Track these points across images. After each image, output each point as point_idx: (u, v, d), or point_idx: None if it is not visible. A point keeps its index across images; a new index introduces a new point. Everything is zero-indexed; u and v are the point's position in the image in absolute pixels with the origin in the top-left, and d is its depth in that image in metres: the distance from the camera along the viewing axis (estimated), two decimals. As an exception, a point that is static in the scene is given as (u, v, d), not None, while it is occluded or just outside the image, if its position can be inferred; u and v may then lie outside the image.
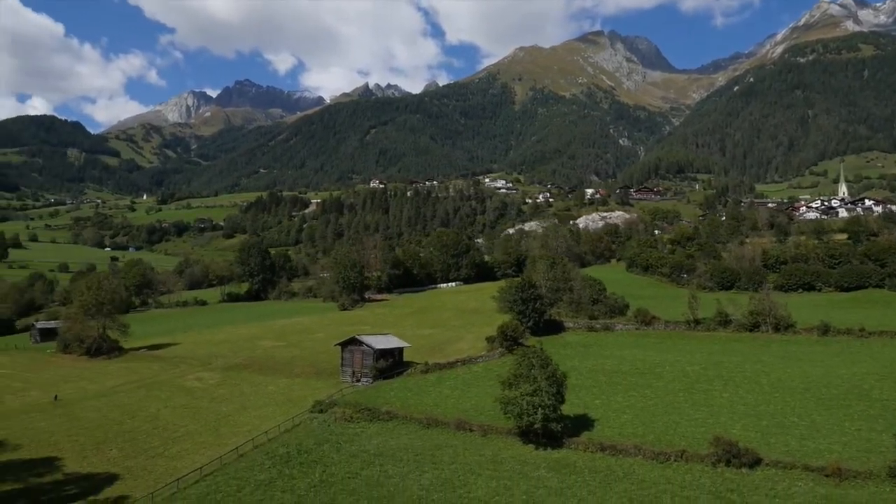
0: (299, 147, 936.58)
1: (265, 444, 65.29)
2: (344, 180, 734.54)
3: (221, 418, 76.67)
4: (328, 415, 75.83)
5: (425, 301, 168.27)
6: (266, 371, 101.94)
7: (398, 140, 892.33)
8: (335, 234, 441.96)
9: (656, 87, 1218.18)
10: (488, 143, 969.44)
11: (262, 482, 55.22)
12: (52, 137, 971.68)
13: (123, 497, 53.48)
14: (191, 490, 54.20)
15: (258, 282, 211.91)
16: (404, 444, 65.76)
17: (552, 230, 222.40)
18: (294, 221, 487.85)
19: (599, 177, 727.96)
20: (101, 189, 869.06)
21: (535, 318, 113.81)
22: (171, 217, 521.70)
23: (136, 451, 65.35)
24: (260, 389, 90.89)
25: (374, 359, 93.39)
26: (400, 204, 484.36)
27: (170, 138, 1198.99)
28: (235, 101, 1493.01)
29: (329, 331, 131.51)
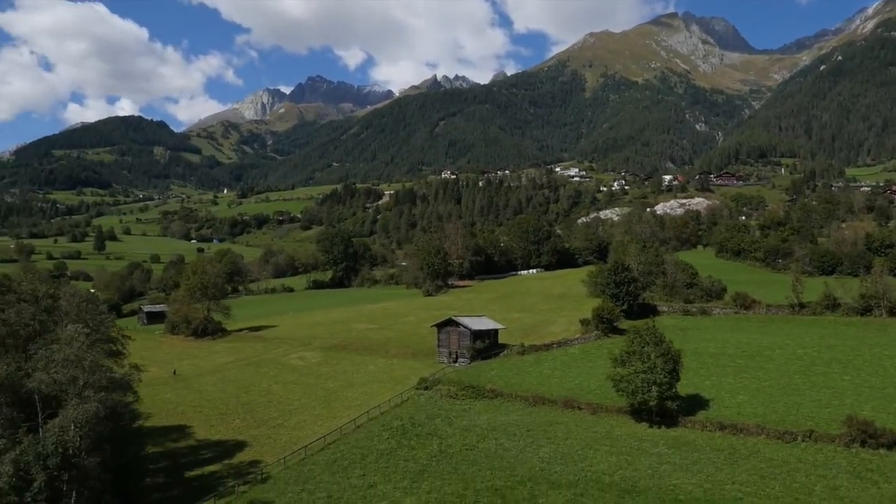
0: (370, 140, 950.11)
1: (378, 418, 67.00)
2: (414, 172, 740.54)
3: (330, 393, 79.16)
4: (433, 392, 77.06)
5: (509, 287, 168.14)
6: (363, 351, 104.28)
7: (467, 131, 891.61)
8: (408, 224, 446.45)
9: (734, 69, 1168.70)
10: (558, 132, 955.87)
11: (383, 451, 56.74)
12: (139, 137, 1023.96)
13: (256, 461, 56.15)
14: (318, 457, 56.28)
15: (342, 269, 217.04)
16: (513, 421, 66.07)
17: (635, 216, 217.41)
18: (368, 213, 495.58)
19: (675, 163, 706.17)
20: (184, 185, 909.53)
21: (629, 301, 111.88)
22: (251, 210, 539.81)
23: (257, 421, 68.41)
24: (360, 368, 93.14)
25: (471, 340, 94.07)
26: (472, 194, 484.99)
27: (247, 135, 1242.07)
28: (308, 97, 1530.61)
29: (418, 315, 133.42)
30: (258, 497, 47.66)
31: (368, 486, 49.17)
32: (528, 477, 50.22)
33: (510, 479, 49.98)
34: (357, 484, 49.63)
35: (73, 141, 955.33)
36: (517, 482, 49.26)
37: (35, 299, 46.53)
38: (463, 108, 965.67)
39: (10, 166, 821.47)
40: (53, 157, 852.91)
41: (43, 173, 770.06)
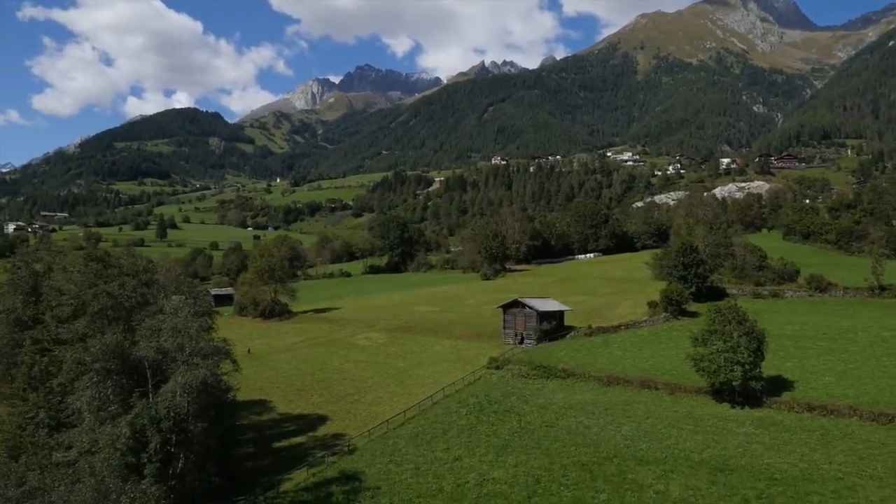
0: (419, 128, 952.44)
1: (454, 395, 67.38)
2: (463, 159, 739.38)
3: (401, 372, 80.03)
4: (504, 371, 77.10)
5: (567, 270, 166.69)
6: (427, 333, 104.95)
7: (516, 117, 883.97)
8: (459, 210, 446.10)
9: (795, 47, 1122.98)
10: (609, 116, 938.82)
11: (464, 426, 57.05)
12: (195, 128, 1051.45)
13: (339, 434, 57.27)
14: (399, 431, 57.01)
15: (398, 254, 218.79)
16: (589, 399, 65.49)
17: (696, 198, 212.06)
18: (419, 199, 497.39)
19: (732, 146, 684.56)
20: (238, 174, 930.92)
21: (698, 283, 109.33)
22: (303, 198, 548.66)
23: (334, 397, 69.73)
24: (427, 349, 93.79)
25: (538, 321, 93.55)
26: (523, 180, 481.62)
27: (298, 124, 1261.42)
28: (357, 86, 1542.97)
29: (478, 298, 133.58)
30: (348, 467, 48.57)
31: (454, 459, 49.52)
32: (614, 453, 49.70)
33: (595, 455, 49.56)
34: (442, 457, 50.05)
35: (134, 133, 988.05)
36: (603, 458, 48.83)
37: (136, 273, 48.40)
38: (511, 93, 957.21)
39: (76, 158, 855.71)
40: (115, 149, 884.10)
41: (106, 165, 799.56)
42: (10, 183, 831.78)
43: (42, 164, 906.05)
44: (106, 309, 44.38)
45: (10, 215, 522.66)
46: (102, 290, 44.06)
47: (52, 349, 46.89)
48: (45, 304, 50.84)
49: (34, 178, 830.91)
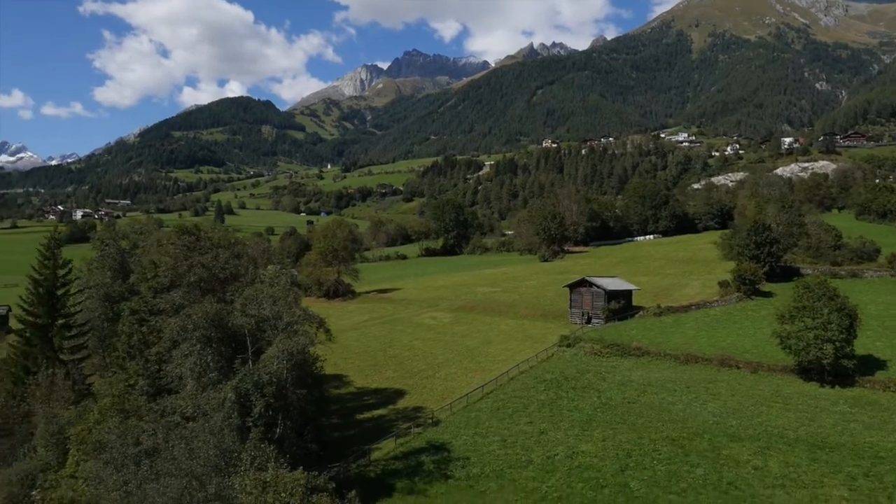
0: (467, 112, 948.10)
1: (528, 371, 67.04)
2: (512, 143, 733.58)
3: (471, 349, 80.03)
4: (576, 349, 76.23)
5: (628, 252, 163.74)
6: (491, 312, 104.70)
7: (565, 99, 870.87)
8: (510, 194, 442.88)
9: (861, 20, 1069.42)
10: (662, 97, 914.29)
11: (544, 401, 56.68)
12: (248, 116, 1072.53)
13: (419, 407, 57.70)
14: (479, 405, 57.06)
15: (453, 237, 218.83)
16: (668, 377, 64.16)
17: (761, 178, 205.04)
18: (469, 184, 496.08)
19: (792, 125, 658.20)
20: (290, 161, 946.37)
21: (771, 263, 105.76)
22: (354, 184, 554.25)
23: (407, 373, 70.28)
24: (493, 327, 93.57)
25: (605, 300, 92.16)
26: (574, 162, 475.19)
27: (347, 111, 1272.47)
28: (405, 72, 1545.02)
29: (538, 279, 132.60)
30: (434, 438, 48.86)
31: (539, 432, 49.24)
32: (703, 430, 48.53)
33: (684, 430, 48.50)
34: (527, 430, 49.83)
35: (189, 122, 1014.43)
36: (692, 434, 47.73)
37: (228, 245, 49.53)
38: (561, 75, 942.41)
39: (136, 148, 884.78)
40: (173, 138, 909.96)
41: (164, 153, 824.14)
42: (75, 172, 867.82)
43: (104, 154, 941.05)
44: (201, 280, 45.52)
45: (77, 203, 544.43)
46: (197, 261, 45.20)
47: (149, 319, 48.45)
48: (140, 277, 52.54)
49: (97, 167, 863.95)
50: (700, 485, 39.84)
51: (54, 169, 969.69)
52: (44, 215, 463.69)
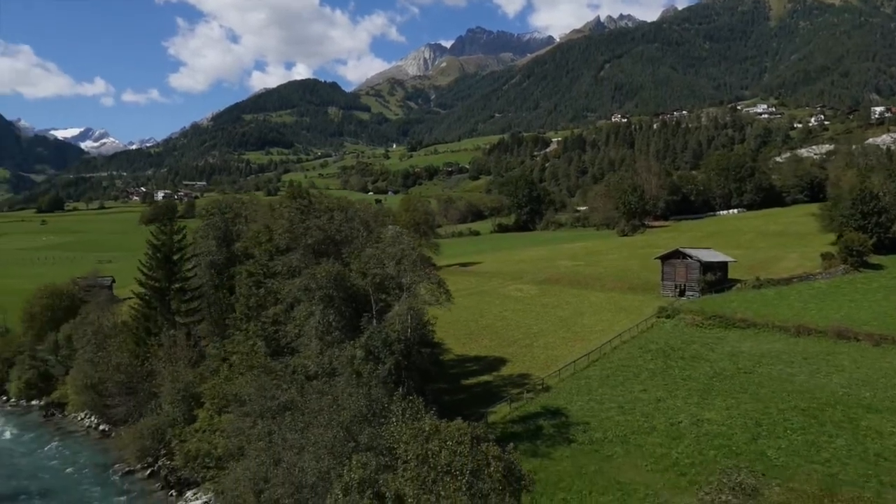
0: (532, 89, 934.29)
1: (630, 341, 65.35)
2: (578, 119, 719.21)
3: (564, 320, 78.72)
4: (676, 320, 73.77)
5: (712, 226, 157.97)
6: (577, 285, 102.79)
7: (634, 73, 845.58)
8: (578, 171, 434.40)
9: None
10: (737, 68, 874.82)
11: (654, 370, 55.04)
12: (314, 98, 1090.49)
13: (525, 374, 57.17)
14: (586, 372, 55.96)
15: (526, 213, 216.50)
16: (781, 349, 61.16)
17: (858, 148, 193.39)
18: (536, 161, 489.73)
19: (881, 94, 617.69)
20: (356, 142, 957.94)
21: (879, 234, 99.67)
22: (421, 163, 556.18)
23: (505, 341, 69.76)
24: (582, 299, 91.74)
25: (701, 272, 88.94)
26: (645, 137, 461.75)
27: (411, 91, 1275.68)
28: (468, 50, 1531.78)
29: (620, 253, 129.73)
30: (548, 404, 48.14)
31: (656, 400, 47.76)
32: (835, 401, 45.90)
33: (813, 401, 45.99)
34: (642, 397, 48.44)
35: (259, 105, 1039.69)
36: (823, 405, 45.20)
37: (342, 208, 49.90)
38: (629, 48, 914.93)
39: (210, 131, 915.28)
40: (243, 121, 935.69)
41: (236, 136, 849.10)
42: (154, 156, 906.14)
43: (180, 138, 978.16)
44: (316, 242, 45.93)
45: (157, 185, 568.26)
46: (313, 224, 45.57)
47: (265, 282, 49.40)
48: (254, 241, 53.63)
49: (174, 150, 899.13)
50: (844, 455, 37.64)
51: (135, 153, 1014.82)
52: (128, 196, 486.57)
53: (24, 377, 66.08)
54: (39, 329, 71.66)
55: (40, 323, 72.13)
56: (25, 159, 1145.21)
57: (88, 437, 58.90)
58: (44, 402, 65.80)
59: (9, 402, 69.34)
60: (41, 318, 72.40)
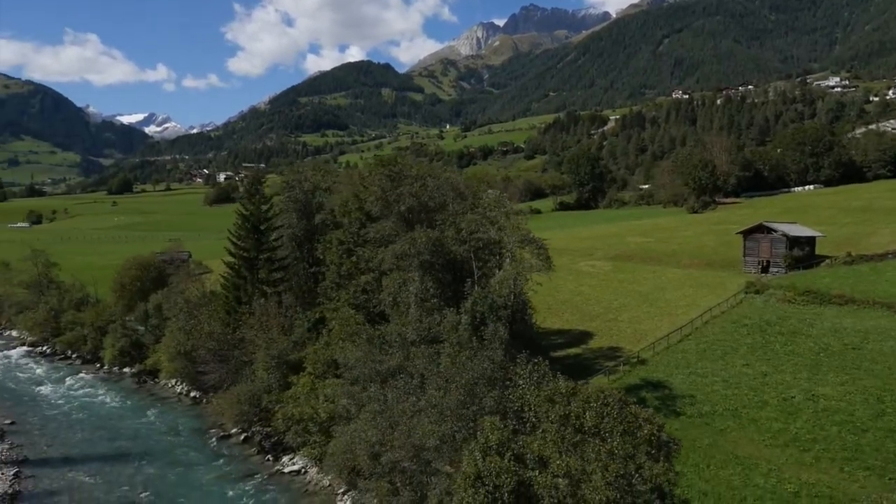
0: (587, 66, 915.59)
1: (720, 317, 62.83)
2: (636, 96, 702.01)
3: (645, 295, 76.55)
4: (766, 296, 70.55)
5: (789, 202, 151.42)
6: (651, 262, 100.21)
7: (695, 47, 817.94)
8: (637, 149, 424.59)
9: None
10: (805, 40, 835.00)
11: (753, 345, 52.69)
12: (368, 80, 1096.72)
13: (616, 348, 55.71)
14: (680, 346, 54.09)
15: (588, 191, 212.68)
16: (886, 326, 57.58)
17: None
18: (593, 139, 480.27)
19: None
20: (409, 123, 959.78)
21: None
22: (475, 143, 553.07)
23: (586, 316, 68.22)
24: (658, 276, 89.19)
25: (787, 247, 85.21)
26: (709, 114, 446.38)
27: (464, 71, 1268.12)
28: (521, 28, 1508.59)
29: (693, 229, 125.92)
30: (647, 377, 46.63)
31: (762, 374, 45.60)
32: (962, 378, 42.81)
33: (937, 378, 43.02)
34: (746, 372, 46.34)
35: (314, 88, 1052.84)
36: (952, 382, 42.21)
37: (433, 175, 49.20)
38: (690, 22, 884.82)
39: (267, 115, 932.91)
40: (299, 103, 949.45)
41: (292, 119, 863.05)
42: (214, 139, 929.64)
43: (239, 122, 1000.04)
44: (409, 210, 45.33)
45: (218, 167, 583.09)
46: (406, 191, 44.94)
47: (355, 250, 49.21)
48: (342, 210, 53.51)
49: (233, 134, 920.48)
50: (982, 433, 34.96)
51: (196, 137, 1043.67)
52: (192, 179, 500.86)
53: (118, 345, 68.31)
54: (129, 299, 73.97)
55: (130, 293, 74.42)
56: (94, 144, 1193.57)
57: (180, 404, 60.46)
58: (136, 370, 67.88)
59: (102, 368, 71.85)
60: (130, 288, 74.69)
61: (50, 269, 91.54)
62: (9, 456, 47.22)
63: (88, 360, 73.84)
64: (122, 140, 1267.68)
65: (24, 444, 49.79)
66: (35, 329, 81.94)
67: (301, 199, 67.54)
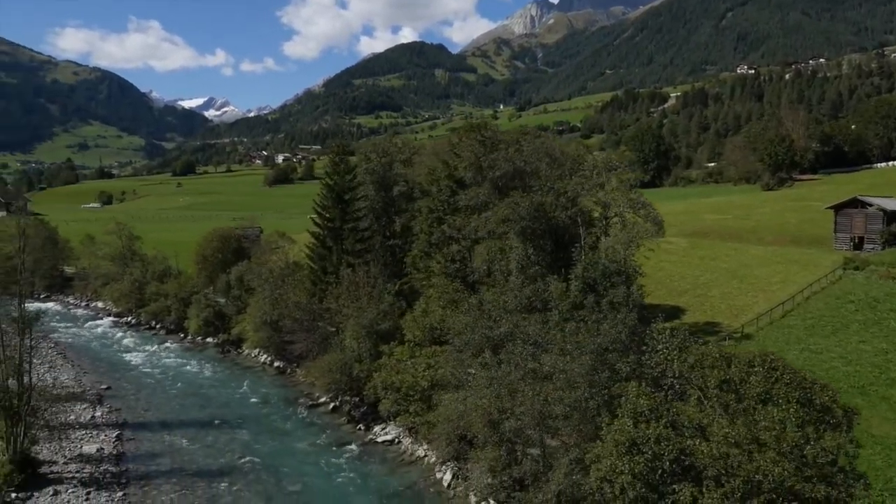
0: (645, 43, 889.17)
1: (820, 293, 59.40)
2: (696, 73, 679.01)
3: (731, 272, 73.34)
4: (867, 272, 66.45)
5: (873, 178, 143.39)
6: (730, 238, 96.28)
7: (760, 20, 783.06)
8: (700, 127, 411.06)
9: None
10: (882, 10, 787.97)
11: (865, 322, 49.56)
12: (421, 61, 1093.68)
13: (713, 322, 53.69)
14: (785, 322, 51.49)
15: (653, 168, 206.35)
16: None
17: None
18: (653, 117, 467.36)
19: None
20: (462, 104, 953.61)
21: None
22: (531, 122, 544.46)
23: (674, 291, 65.85)
24: (741, 252, 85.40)
25: (884, 222, 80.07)
26: (776, 89, 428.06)
27: (518, 50, 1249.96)
28: (576, 5, 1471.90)
29: (771, 206, 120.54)
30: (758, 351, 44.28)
31: (882, 351, 42.76)
32: None
33: None
34: (864, 349, 43.52)
35: (368, 70, 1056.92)
36: None
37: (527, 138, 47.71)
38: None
39: (322, 97, 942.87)
40: (353, 86, 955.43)
41: (347, 101, 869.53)
42: (271, 122, 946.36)
43: (295, 104, 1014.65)
44: (504, 175, 43.93)
45: (275, 149, 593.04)
46: (501, 156, 43.50)
47: (445, 219, 48.19)
48: (429, 177, 52.52)
49: (289, 116, 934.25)
50: None
51: (253, 120, 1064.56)
52: (251, 160, 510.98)
53: (202, 315, 69.56)
54: (211, 271, 75.17)
55: (211, 265, 75.68)
56: (157, 128, 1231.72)
57: (264, 373, 61.11)
58: (219, 340, 69.01)
59: (186, 338, 73.43)
60: (212, 260, 75.94)
61: (133, 242, 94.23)
62: (108, 419, 48.45)
63: (172, 331, 75.76)
64: (182, 124, 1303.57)
65: (122, 408, 51.07)
66: (120, 300, 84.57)
67: (378, 172, 66.98)
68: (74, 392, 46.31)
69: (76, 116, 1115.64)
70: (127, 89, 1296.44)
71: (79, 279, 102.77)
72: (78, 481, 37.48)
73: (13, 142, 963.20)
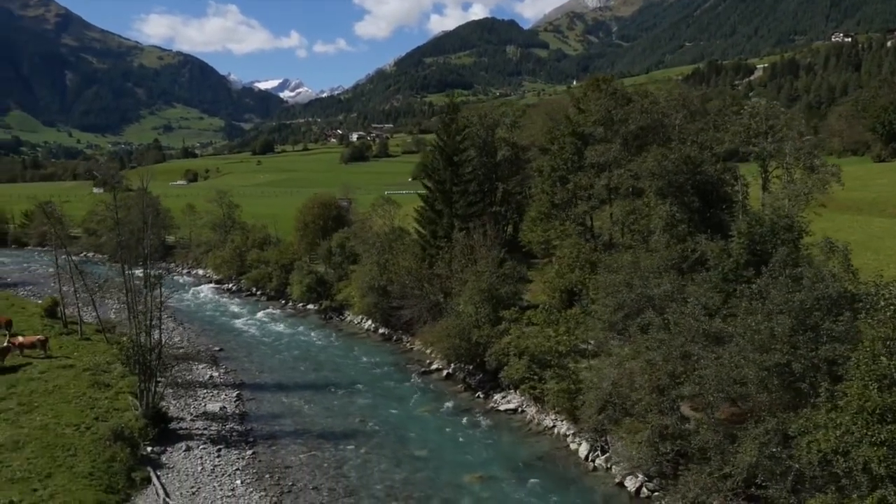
0: (728, 13, 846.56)
1: (979, 265, 53.51)
2: (784, 43, 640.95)
3: (862, 244, 65.65)
4: None
5: None
6: (848, 210, 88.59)
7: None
8: (789, 99, 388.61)
9: None
10: None
11: None
12: (492, 38, 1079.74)
13: (858, 294, 48.75)
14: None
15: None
16: None
17: None
18: (738, 90, 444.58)
19: None
20: (534, 80, 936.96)
21: None
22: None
23: (801, 262, 60.98)
24: (862, 224, 78.21)
25: None
26: (875, 58, 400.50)
27: (591, 24, 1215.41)
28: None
29: (889, 178, 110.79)
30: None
31: None
32: None
33: None
34: None
35: (439, 48, 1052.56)
36: None
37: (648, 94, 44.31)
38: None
39: (393, 76, 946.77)
40: (424, 64, 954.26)
41: (418, 80, 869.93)
42: (344, 102, 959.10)
43: (366, 84, 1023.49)
44: (639, 129, 40.94)
45: (349, 128, 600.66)
46: (636, 107, 40.49)
47: (568, 178, 45.68)
48: (548, 136, 50.06)
49: (362, 96, 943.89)
50: None
51: (326, 100, 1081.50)
52: (326, 139, 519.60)
53: (305, 282, 69.62)
54: (312, 238, 75.23)
55: (312, 232, 75.72)
56: (236, 109, 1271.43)
57: (370, 339, 60.51)
58: (322, 306, 68.95)
59: (288, 305, 73.91)
60: (313, 226, 75.97)
61: (233, 210, 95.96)
62: (226, 379, 48.78)
63: (273, 297, 76.46)
64: (259, 105, 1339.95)
65: (238, 370, 51.35)
66: (221, 267, 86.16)
67: (481, 136, 64.94)
68: (194, 352, 46.61)
69: (161, 99, 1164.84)
70: (207, 72, 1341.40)
71: (180, 247, 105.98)
72: (207, 438, 37.49)
73: (104, 124, 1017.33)
